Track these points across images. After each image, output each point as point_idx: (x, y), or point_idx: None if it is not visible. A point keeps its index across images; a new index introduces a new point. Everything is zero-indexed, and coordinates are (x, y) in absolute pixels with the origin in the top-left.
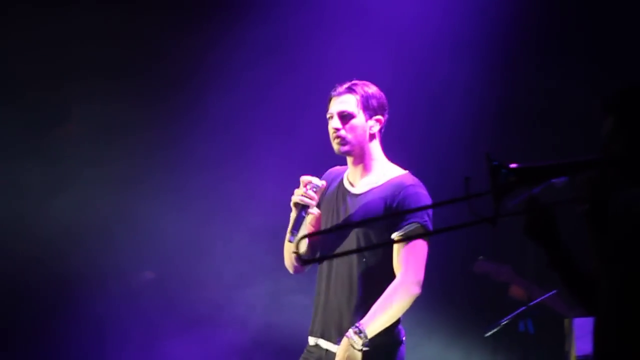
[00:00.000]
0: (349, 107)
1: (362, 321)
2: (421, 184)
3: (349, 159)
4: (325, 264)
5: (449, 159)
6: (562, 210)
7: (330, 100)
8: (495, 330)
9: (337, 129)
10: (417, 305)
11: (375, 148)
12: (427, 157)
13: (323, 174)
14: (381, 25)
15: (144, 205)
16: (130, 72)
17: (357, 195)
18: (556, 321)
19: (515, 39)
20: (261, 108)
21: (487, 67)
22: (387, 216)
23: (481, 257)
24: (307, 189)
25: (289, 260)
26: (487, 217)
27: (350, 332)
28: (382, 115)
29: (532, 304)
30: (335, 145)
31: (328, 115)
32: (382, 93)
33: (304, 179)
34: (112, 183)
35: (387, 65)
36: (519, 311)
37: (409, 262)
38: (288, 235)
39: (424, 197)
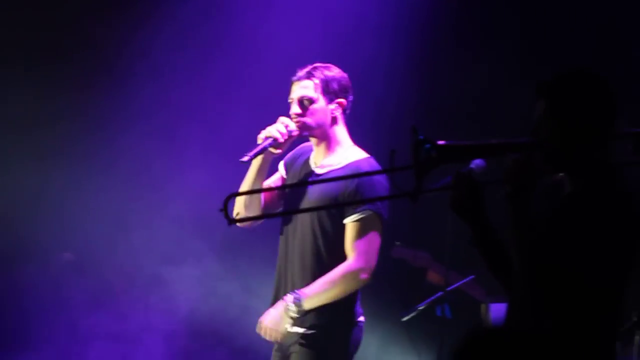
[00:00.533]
0: (308, 92)
1: (303, 290)
2: (375, 166)
3: (313, 140)
4: (283, 244)
5: (375, 137)
6: (488, 191)
7: (291, 85)
8: (412, 314)
9: (297, 114)
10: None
11: (339, 131)
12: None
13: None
14: (310, 7)
15: (68, 188)
16: (52, 57)
17: (317, 175)
18: (473, 306)
19: (440, 24)
20: (188, 92)
21: (411, 49)
22: (341, 204)
23: (398, 242)
24: (283, 125)
25: (240, 210)
26: (408, 192)
27: (289, 297)
28: (344, 98)
29: (449, 289)
30: (294, 129)
31: (289, 100)
32: (344, 75)
33: (283, 119)
34: (35, 166)
35: (315, 47)
36: (436, 296)
37: (360, 247)
38: (245, 158)
39: (379, 184)
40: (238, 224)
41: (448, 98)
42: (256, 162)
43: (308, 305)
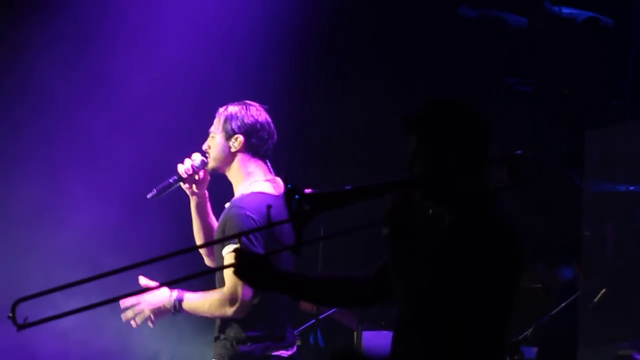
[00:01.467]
0: (212, 128)
1: (187, 295)
2: (246, 202)
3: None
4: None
5: None
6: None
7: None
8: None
9: (206, 148)
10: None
11: (236, 167)
12: None
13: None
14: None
15: None
16: None
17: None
18: (345, 334)
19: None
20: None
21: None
22: (223, 239)
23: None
24: (190, 160)
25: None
26: (290, 246)
27: (174, 293)
28: (244, 135)
29: (321, 317)
30: (197, 164)
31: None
32: (251, 114)
33: (194, 154)
34: None
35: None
36: (308, 324)
37: (229, 279)
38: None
39: (241, 217)
40: None
41: (321, 133)
42: (192, 203)
43: (185, 307)
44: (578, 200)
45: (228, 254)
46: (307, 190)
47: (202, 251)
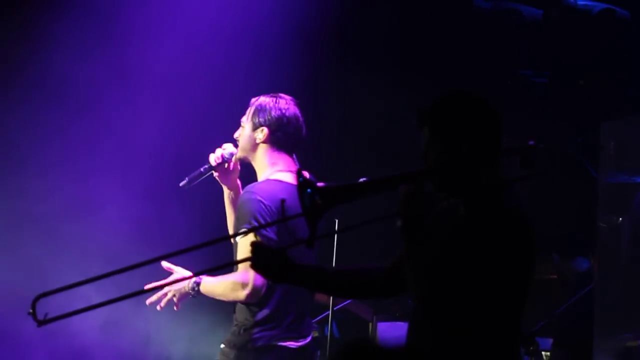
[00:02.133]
0: (243, 118)
1: (204, 277)
2: (258, 188)
3: None
4: None
5: None
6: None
7: None
8: (195, 182)
9: (236, 138)
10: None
11: (259, 158)
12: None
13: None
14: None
15: None
16: None
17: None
18: (360, 325)
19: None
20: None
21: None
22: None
23: None
24: (220, 150)
25: None
26: (304, 239)
27: (193, 279)
28: (268, 127)
29: (336, 308)
30: (225, 153)
31: None
32: (285, 107)
33: (225, 144)
34: None
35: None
36: (323, 315)
37: (241, 265)
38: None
39: (252, 202)
40: None
41: (336, 126)
42: (225, 193)
43: (203, 288)
44: (593, 192)
45: (242, 239)
46: (320, 184)
47: (232, 240)
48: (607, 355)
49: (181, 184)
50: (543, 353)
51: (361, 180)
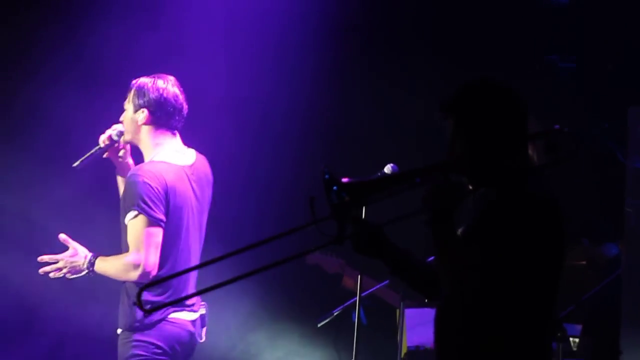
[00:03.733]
0: (126, 102)
1: (101, 256)
2: (144, 170)
3: None
4: None
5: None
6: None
7: None
8: (327, 320)
9: (120, 121)
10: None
11: (143, 139)
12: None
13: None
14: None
15: None
16: None
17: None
18: (388, 311)
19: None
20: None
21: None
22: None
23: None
24: (111, 131)
25: None
26: (333, 239)
27: (89, 254)
28: (148, 108)
29: (363, 294)
30: (114, 135)
31: None
32: (154, 87)
33: (115, 125)
34: None
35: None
36: (350, 302)
37: (131, 245)
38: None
39: (138, 184)
40: None
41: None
42: (119, 177)
43: (97, 267)
44: (621, 177)
45: (132, 221)
46: (345, 180)
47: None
48: (635, 340)
49: (74, 165)
50: (571, 339)
51: (387, 170)
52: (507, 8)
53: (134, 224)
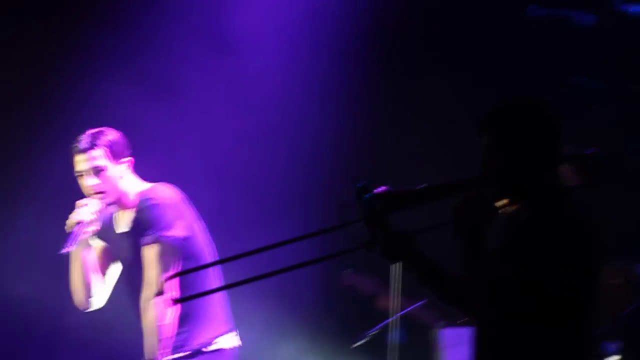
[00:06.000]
0: (99, 162)
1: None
2: (157, 192)
3: (113, 206)
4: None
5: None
6: None
7: (74, 157)
8: (363, 341)
9: (96, 186)
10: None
11: (128, 185)
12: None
13: None
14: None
15: None
16: None
17: (126, 233)
18: (424, 332)
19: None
20: None
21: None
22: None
23: (348, 269)
24: (86, 205)
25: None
26: (363, 245)
27: None
28: (128, 154)
29: (399, 315)
30: (99, 202)
31: (76, 174)
32: (119, 133)
33: (80, 202)
34: None
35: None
36: (386, 322)
37: (145, 276)
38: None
39: (156, 207)
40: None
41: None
42: (76, 251)
43: (154, 354)
44: None
45: (149, 245)
46: (378, 189)
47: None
48: None
49: (63, 251)
50: (608, 359)
51: (420, 186)
52: (535, 31)
53: (148, 251)
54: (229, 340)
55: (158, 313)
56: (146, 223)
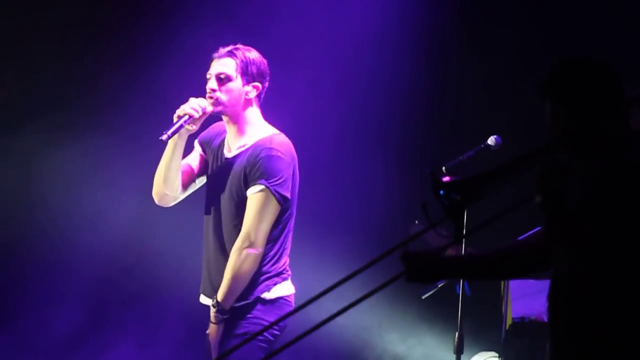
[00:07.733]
0: (227, 70)
1: (218, 294)
2: (283, 145)
3: (225, 119)
4: (207, 224)
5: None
6: None
7: (211, 61)
8: (432, 292)
9: (213, 90)
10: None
11: (252, 113)
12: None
13: None
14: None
15: None
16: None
17: (227, 159)
18: (492, 283)
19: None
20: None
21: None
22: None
23: (417, 221)
24: (196, 102)
25: (159, 187)
26: (453, 239)
27: (211, 307)
28: (261, 82)
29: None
30: (208, 106)
31: (207, 76)
32: (264, 60)
33: (194, 99)
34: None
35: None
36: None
37: (247, 222)
38: (164, 136)
39: (278, 160)
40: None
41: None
42: (172, 142)
43: (227, 303)
44: None
45: (254, 194)
46: (446, 179)
47: (160, 178)
48: None
49: (162, 137)
50: None
51: (491, 141)
52: None
53: (255, 199)
54: (287, 288)
55: (247, 265)
56: (262, 171)
